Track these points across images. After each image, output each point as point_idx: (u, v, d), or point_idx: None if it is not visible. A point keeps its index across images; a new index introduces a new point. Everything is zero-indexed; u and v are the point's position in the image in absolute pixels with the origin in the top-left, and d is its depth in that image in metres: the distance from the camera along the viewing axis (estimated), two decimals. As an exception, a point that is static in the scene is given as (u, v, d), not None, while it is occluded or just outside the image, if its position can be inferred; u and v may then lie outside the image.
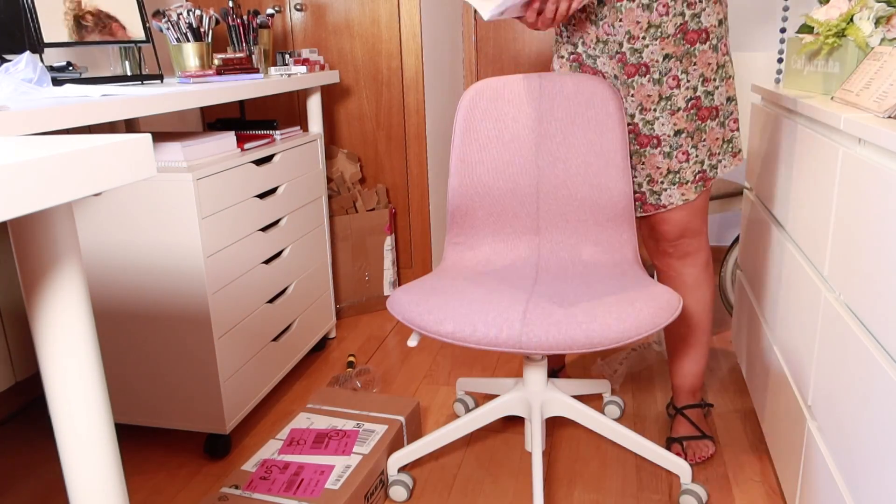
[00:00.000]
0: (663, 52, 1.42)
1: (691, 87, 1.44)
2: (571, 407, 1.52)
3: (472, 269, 1.58)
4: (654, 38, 1.41)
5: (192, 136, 1.71)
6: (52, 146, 0.56)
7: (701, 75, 1.43)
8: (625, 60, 1.45)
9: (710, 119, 1.46)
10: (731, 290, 2.37)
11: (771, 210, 1.61)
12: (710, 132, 1.47)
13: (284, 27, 2.83)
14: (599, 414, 1.51)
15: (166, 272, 1.58)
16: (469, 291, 1.39)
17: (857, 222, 1.03)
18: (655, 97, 1.46)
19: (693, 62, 1.42)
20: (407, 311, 1.35)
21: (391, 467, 1.55)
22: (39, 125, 1.12)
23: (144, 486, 1.61)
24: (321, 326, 2.20)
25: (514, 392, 1.54)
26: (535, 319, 1.25)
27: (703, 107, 1.44)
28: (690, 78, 1.43)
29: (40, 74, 1.43)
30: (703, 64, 1.43)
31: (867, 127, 0.99)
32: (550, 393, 1.53)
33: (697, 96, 1.44)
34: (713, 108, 1.45)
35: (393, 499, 1.54)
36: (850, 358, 1.04)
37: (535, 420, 1.48)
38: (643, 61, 1.44)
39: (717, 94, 1.45)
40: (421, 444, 1.54)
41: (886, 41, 1.33)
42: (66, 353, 0.64)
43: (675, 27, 1.40)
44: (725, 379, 2.00)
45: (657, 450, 1.48)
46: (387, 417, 1.65)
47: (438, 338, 1.28)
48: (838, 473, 1.08)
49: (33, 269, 0.62)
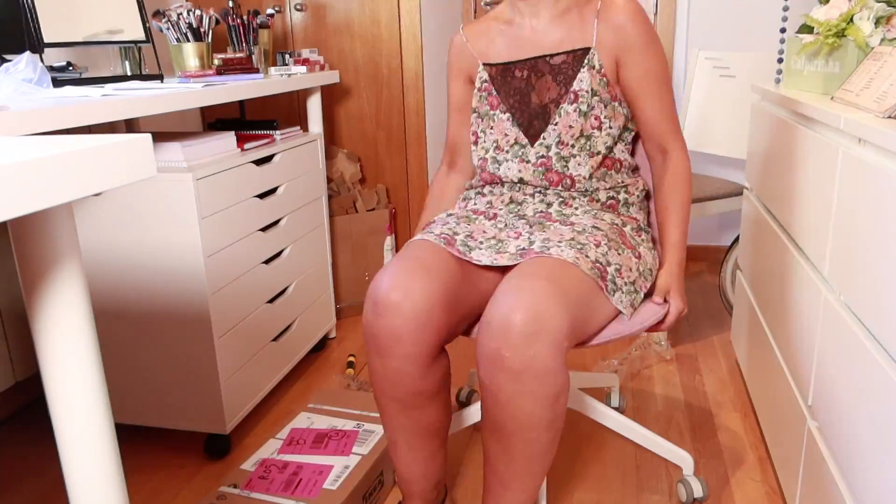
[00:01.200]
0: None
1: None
2: (579, 399, 1.55)
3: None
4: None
5: (192, 136, 1.71)
6: (52, 146, 0.56)
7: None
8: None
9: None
10: (731, 290, 2.37)
11: (771, 210, 1.61)
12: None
13: (284, 27, 2.83)
14: (604, 406, 1.54)
15: (166, 272, 1.58)
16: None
17: (857, 222, 1.03)
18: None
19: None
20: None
21: None
22: (39, 125, 1.12)
23: (144, 486, 1.61)
24: (321, 326, 2.20)
25: None
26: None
27: None
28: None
29: (40, 74, 1.43)
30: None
31: (867, 127, 0.99)
32: None
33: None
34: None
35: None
36: (850, 358, 1.04)
37: None
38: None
39: None
40: None
41: (886, 41, 1.33)
42: (66, 353, 0.64)
43: None
44: (725, 379, 2.00)
45: (660, 441, 1.51)
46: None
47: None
48: (838, 473, 1.08)
49: (33, 269, 0.62)
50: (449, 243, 1.23)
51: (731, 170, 2.86)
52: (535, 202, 1.35)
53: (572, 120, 1.30)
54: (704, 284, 2.77)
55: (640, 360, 2.14)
